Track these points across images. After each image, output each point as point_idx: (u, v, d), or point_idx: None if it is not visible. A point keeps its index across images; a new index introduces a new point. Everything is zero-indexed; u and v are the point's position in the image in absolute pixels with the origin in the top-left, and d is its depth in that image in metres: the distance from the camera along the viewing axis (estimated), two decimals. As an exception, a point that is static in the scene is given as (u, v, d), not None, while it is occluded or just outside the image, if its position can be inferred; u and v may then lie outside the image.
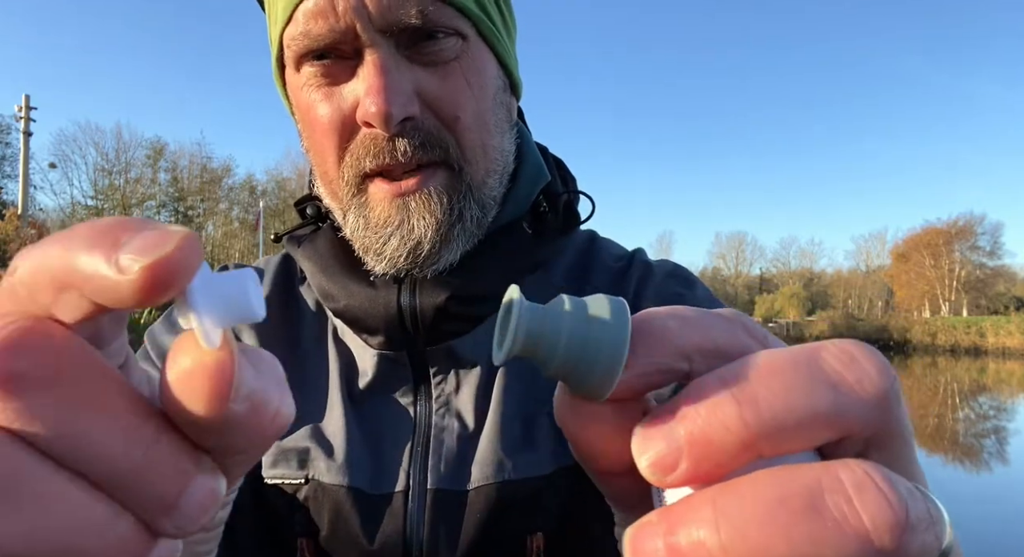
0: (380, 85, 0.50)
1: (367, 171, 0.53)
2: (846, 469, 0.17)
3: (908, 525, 0.16)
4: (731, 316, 0.21)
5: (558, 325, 0.20)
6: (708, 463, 0.18)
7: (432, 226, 0.53)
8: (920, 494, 0.18)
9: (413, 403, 0.58)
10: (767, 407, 0.18)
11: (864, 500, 0.16)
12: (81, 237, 0.17)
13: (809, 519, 0.16)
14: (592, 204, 0.67)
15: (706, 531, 0.16)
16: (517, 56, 0.63)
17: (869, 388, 0.18)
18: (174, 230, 0.17)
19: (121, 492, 0.18)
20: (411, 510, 0.54)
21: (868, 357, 0.19)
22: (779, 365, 0.18)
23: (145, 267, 0.16)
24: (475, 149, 0.55)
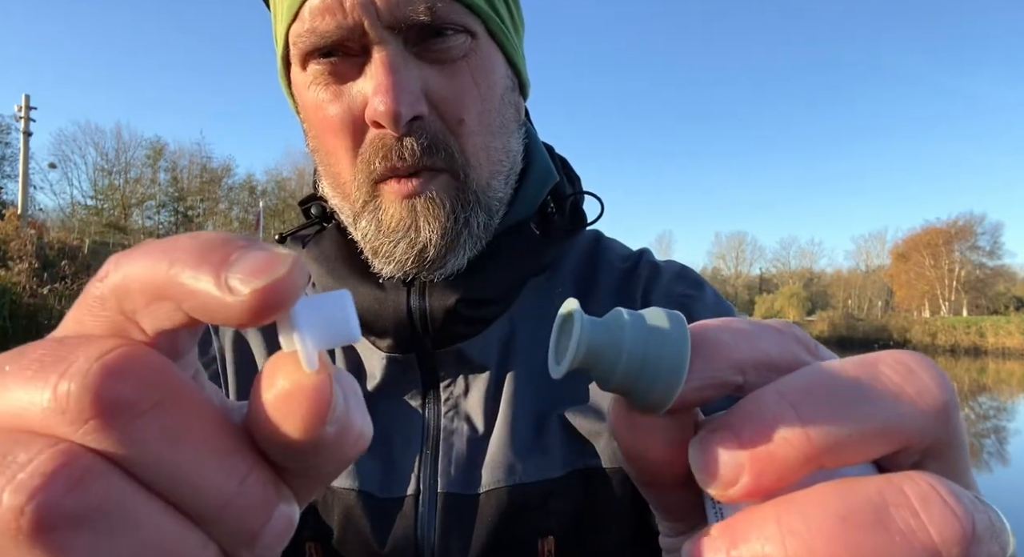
0: (389, 84, 0.49)
1: (378, 174, 0.53)
2: (910, 482, 0.17)
3: (975, 537, 0.16)
4: (782, 327, 0.21)
5: (619, 339, 0.20)
6: (770, 477, 0.18)
7: (437, 231, 0.52)
8: (982, 505, 0.17)
9: (422, 406, 0.58)
10: (829, 421, 0.17)
11: (931, 513, 0.16)
12: (187, 251, 0.17)
13: (876, 533, 0.16)
14: (601, 204, 0.66)
15: (772, 546, 0.16)
16: (525, 55, 0.62)
17: (929, 400, 0.18)
18: (283, 253, 0.17)
19: (210, 523, 0.17)
20: (421, 514, 0.54)
21: (926, 369, 0.19)
22: (838, 378, 0.18)
23: (256, 290, 0.16)
24: (478, 153, 0.54)
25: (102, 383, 0.16)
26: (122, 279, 0.17)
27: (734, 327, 0.21)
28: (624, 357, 0.20)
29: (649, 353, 0.20)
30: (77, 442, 0.16)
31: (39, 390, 0.16)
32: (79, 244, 22.79)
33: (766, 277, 67.04)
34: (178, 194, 43.74)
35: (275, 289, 0.16)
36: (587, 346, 0.20)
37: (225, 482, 0.17)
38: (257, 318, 0.16)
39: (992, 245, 52.78)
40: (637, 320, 0.21)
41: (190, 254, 0.17)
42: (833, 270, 66.63)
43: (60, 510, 0.15)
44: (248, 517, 0.18)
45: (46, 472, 0.15)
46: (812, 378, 0.18)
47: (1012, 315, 42.85)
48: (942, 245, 52.64)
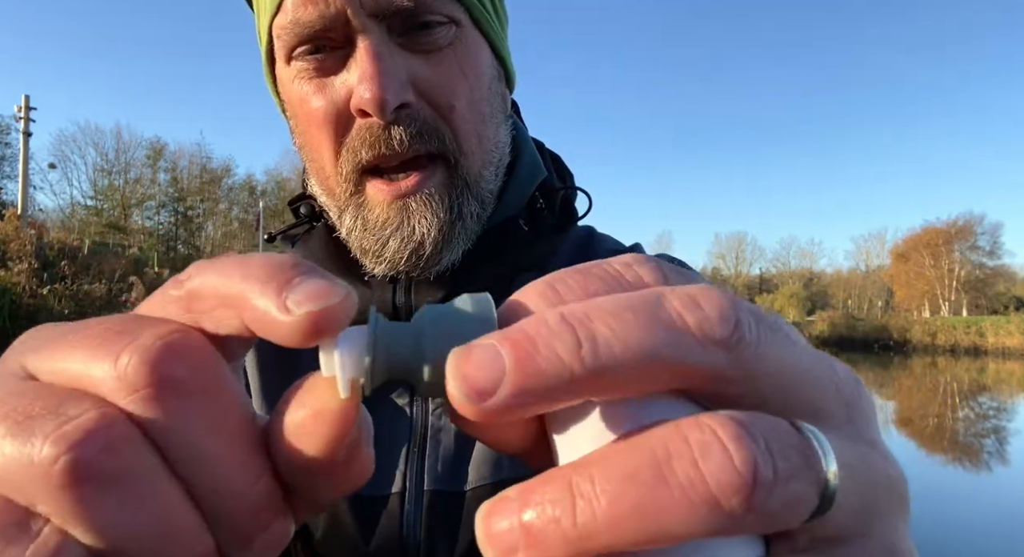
0: (373, 71, 0.48)
1: (364, 163, 0.52)
2: (695, 429, 0.16)
3: (757, 484, 0.15)
4: (617, 272, 0.20)
5: (418, 341, 0.19)
6: (534, 397, 0.16)
7: (435, 226, 0.52)
8: (789, 438, 0.16)
9: (409, 404, 0.57)
10: (604, 342, 0.16)
11: (709, 463, 0.15)
12: (259, 269, 0.18)
13: (658, 489, 0.15)
14: (589, 200, 0.66)
15: (561, 509, 0.16)
16: (510, 48, 0.62)
17: (710, 333, 0.17)
18: (339, 285, 0.18)
19: (215, 515, 0.18)
20: (408, 512, 0.53)
21: (711, 300, 0.17)
22: (621, 305, 0.17)
23: (309, 314, 0.17)
24: (471, 139, 0.54)
25: (160, 359, 0.18)
26: (199, 284, 0.19)
27: (550, 293, 0.19)
28: (429, 354, 0.19)
29: (454, 344, 0.18)
30: (122, 408, 0.17)
31: (103, 356, 0.18)
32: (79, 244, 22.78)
33: (766, 277, 67.03)
34: (178, 194, 43.74)
35: (325, 315, 0.17)
36: (386, 353, 0.19)
37: (241, 479, 0.18)
38: (305, 339, 0.18)
39: (992, 245, 52.81)
40: (438, 315, 0.19)
41: (261, 272, 0.18)
42: (833, 270, 66.68)
43: (90, 467, 0.16)
44: (250, 519, 0.19)
45: (88, 429, 0.17)
46: (596, 304, 0.17)
47: (1012, 315, 42.81)
48: (942, 245, 52.62)
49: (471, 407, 0.17)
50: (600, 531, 0.15)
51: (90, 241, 27.38)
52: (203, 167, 44.53)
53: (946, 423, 11.47)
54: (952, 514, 5.83)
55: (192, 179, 44.46)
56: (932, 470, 7.80)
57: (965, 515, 5.81)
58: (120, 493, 0.17)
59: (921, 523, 5.60)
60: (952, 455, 8.65)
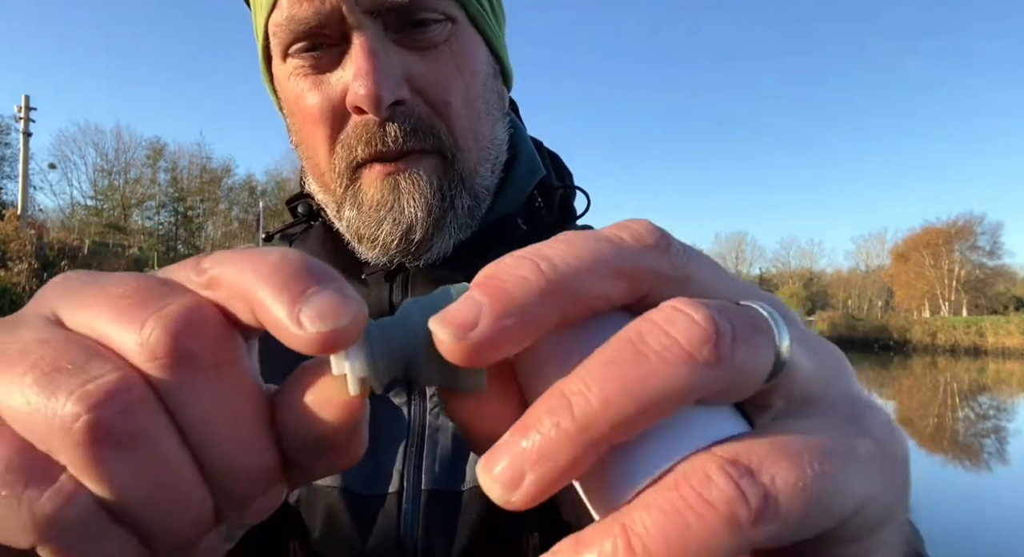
0: (368, 67, 0.49)
1: (359, 159, 0.52)
2: (657, 311, 0.18)
3: (720, 334, 0.17)
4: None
5: (412, 328, 0.20)
6: (513, 320, 0.18)
7: (423, 207, 0.52)
8: (739, 309, 0.19)
9: (407, 403, 0.57)
10: (558, 258, 0.19)
11: (676, 327, 0.18)
12: (273, 272, 0.19)
13: (639, 362, 0.17)
14: (587, 199, 0.65)
15: (560, 414, 0.17)
16: (507, 45, 0.62)
17: (640, 240, 0.20)
18: (352, 301, 0.19)
19: (218, 481, 0.20)
20: (405, 511, 0.53)
21: (636, 222, 0.21)
22: (564, 237, 0.20)
23: (320, 333, 0.18)
24: (466, 136, 0.54)
25: (180, 332, 0.19)
26: (219, 274, 0.20)
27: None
28: (423, 345, 0.19)
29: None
30: (142, 372, 0.19)
31: (128, 321, 0.19)
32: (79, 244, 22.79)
33: (766, 277, 67.00)
34: (178, 194, 43.75)
35: (336, 335, 0.18)
36: (387, 352, 0.20)
37: (246, 451, 0.20)
38: (317, 352, 0.18)
39: (992, 245, 52.80)
40: (424, 305, 0.20)
41: (275, 277, 0.19)
42: (833, 270, 66.72)
43: (108, 427, 0.18)
44: (250, 487, 0.20)
45: (109, 391, 0.18)
46: (551, 242, 0.20)
47: (1012, 315, 42.81)
48: (942, 245, 52.62)
49: (459, 345, 0.18)
50: (597, 416, 0.17)
51: (90, 241, 27.39)
52: (203, 167, 44.57)
53: (946, 423, 11.46)
54: (952, 514, 5.83)
55: (192, 179, 44.49)
56: (932, 470, 7.80)
57: (965, 515, 5.81)
58: (133, 453, 0.18)
59: (921, 523, 5.56)
60: (952, 455, 8.64)
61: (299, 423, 0.20)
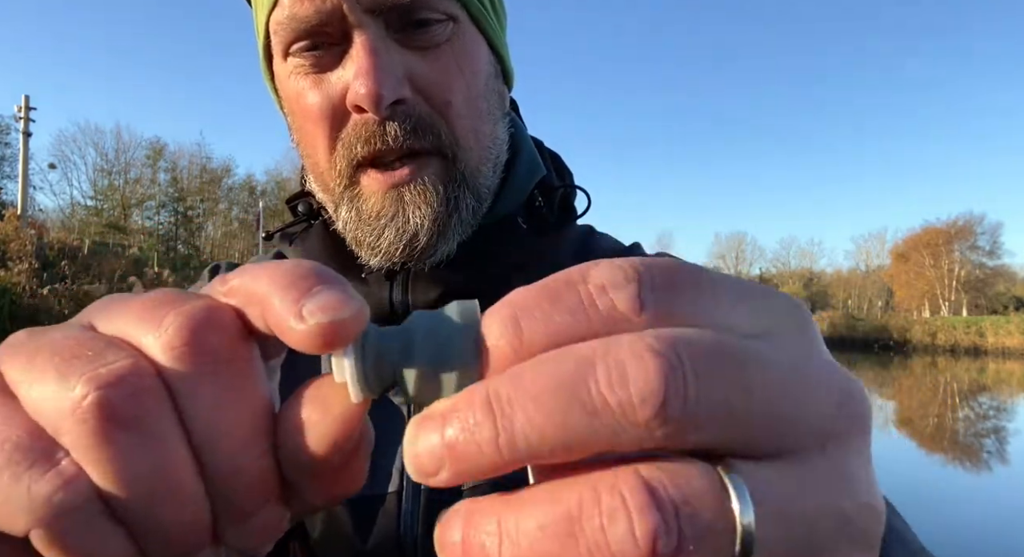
0: (369, 66, 0.48)
1: (359, 158, 0.52)
2: (607, 492, 0.16)
3: (656, 552, 0.15)
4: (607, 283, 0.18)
5: (408, 348, 0.19)
6: (469, 474, 0.18)
7: (429, 216, 0.51)
8: (701, 500, 0.16)
9: (406, 402, 0.52)
10: (521, 435, 0.17)
11: (614, 530, 0.16)
12: (283, 276, 0.20)
13: (567, 547, 0.16)
14: (588, 199, 0.65)
15: (491, 541, 0.17)
16: (508, 45, 0.62)
17: (630, 417, 0.16)
18: (354, 298, 0.19)
19: (215, 482, 0.20)
20: (405, 511, 0.53)
21: (642, 373, 0.16)
22: (545, 385, 0.17)
23: (320, 324, 0.19)
24: (467, 135, 0.54)
25: (197, 325, 0.20)
26: (237, 284, 0.21)
27: (511, 330, 0.18)
28: (416, 364, 0.19)
29: (441, 354, 0.19)
30: (155, 363, 0.20)
31: (150, 317, 0.20)
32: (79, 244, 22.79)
33: (766, 277, 66.90)
34: (178, 194, 43.75)
35: (336, 327, 0.19)
36: (378, 357, 0.19)
37: (245, 450, 0.20)
38: (316, 347, 0.19)
39: (992, 245, 52.83)
40: (428, 322, 0.20)
41: (284, 279, 0.20)
42: (833, 270, 66.65)
43: (112, 407, 0.18)
44: (246, 492, 0.20)
45: (119, 375, 0.19)
46: (519, 377, 0.17)
47: (1012, 315, 42.83)
48: (942, 245, 52.63)
49: (427, 480, 0.18)
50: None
51: (90, 241, 27.39)
52: (203, 167, 44.59)
53: (946, 423, 11.47)
54: (952, 514, 5.83)
55: (192, 179, 44.50)
56: (932, 470, 7.80)
57: (965, 515, 5.81)
58: (135, 437, 0.19)
59: (921, 523, 5.55)
60: (952, 455, 8.64)
61: (296, 435, 0.20)
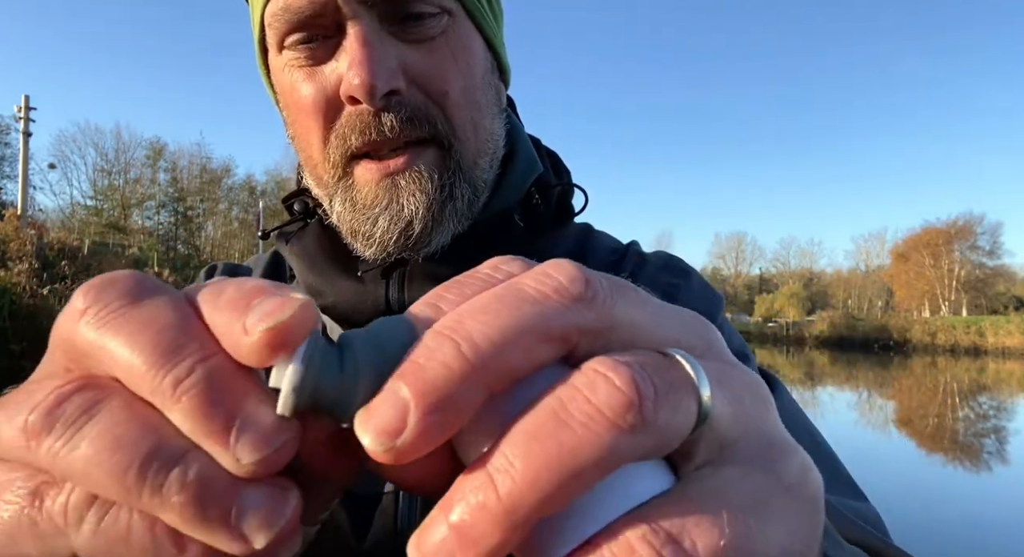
0: (363, 57, 0.48)
1: (353, 149, 0.51)
2: (579, 375, 0.18)
3: (644, 397, 0.17)
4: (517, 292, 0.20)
5: (351, 368, 0.19)
6: (442, 413, 0.18)
7: (423, 204, 0.51)
8: (661, 364, 0.19)
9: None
10: (480, 336, 0.18)
11: (598, 394, 0.17)
12: (228, 298, 0.20)
13: (562, 436, 0.17)
14: (585, 197, 0.65)
15: (485, 493, 0.17)
16: (505, 42, 0.62)
17: (565, 294, 0.19)
18: (292, 299, 0.19)
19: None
20: (401, 510, 0.53)
21: (560, 268, 0.20)
22: (487, 300, 0.19)
23: (263, 332, 0.18)
24: (465, 126, 0.53)
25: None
26: (205, 314, 0.21)
27: (431, 310, 0.20)
28: (358, 395, 0.19)
29: (376, 370, 0.19)
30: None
31: (158, 370, 0.19)
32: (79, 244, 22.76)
33: (766, 277, 67.00)
34: (178, 194, 43.73)
35: (278, 331, 0.18)
36: (317, 372, 0.19)
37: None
38: (264, 357, 0.19)
39: (992, 245, 52.83)
40: (362, 340, 0.20)
41: (228, 301, 0.20)
42: (833, 270, 66.75)
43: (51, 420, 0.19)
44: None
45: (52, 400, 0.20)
46: (465, 309, 0.19)
47: (1012, 315, 42.83)
48: (942, 245, 52.63)
49: (391, 451, 0.18)
50: (524, 495, 0.17)
51: (90, 241, 27.35)
52: (203, 167, 44.58)
53: (946, 423, 11.46)
54: (952, 514, 5.83)
55: (192, 179, 44.49)
56: (932, 470, 7.80)
57: (965, 515, 5.80)
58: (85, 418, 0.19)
59: (921, 523, 5.58)
60: (952, 455, 8.64)
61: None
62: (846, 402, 14.59)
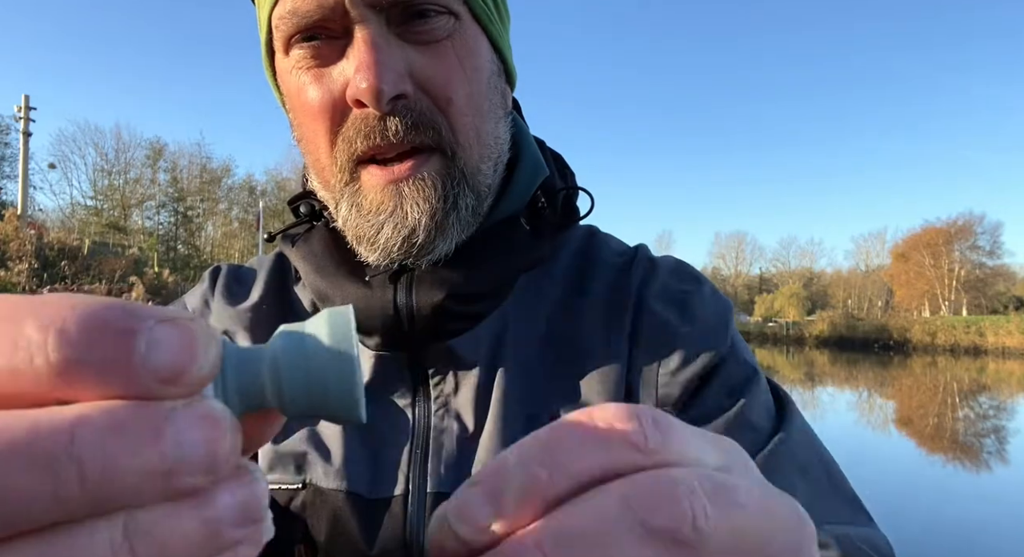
0: (370, 61, 0.48)
1: (359, 153, 0.51)
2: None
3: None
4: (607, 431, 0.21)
5: (276, 365, 0.19)
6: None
7: (427, 212, 0.51)
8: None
9: (411, 405, 0.57)
10: (564, 463, 0.20)
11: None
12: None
13: None
14: (591, 199, 0.65)
15: None
16: (511, 45, 0.61)
17: (620, 435, 0.21)
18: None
19: None
20: (411, 514, 0.53)
21: (613, 410, 0.21)
22: (551, 440, 0.21)
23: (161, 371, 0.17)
24: (468, 133, 0.53)
25: None
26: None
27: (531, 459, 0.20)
28: (288, 380, 0.19)
29: (311, 367, 0.19)
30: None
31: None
32: (79, 244, 22.78)
33: (766, 277, 67.03)
34: (178, 194, 43.74)
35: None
36: (237, 384, 0.19)
37: None
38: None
39: (992, 245, 52.87)
40: (289, 344, 0.19)
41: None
42: (833, 270, 66.79)
43: None
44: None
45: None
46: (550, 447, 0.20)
47: (1012, 315, 42.85)
48: (942, 245, 52.66)
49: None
50: None
51: (90, 241, 27.38)
52: (203, 167, 44.57)
53: (946, 423, 11.46)
54: (952, 514, 5.83)
55: (192, 179, 44.49)
56: (932, 470, 7.80)
57: (965, 515, 5.81)
58: None
59: (922, 523, 5.59)
60: (952, 455, 8.64)
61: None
62: (846, 402, 14.59)
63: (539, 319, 0.59)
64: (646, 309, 0.59)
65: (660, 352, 0.57)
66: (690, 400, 0.56)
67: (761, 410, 0.56)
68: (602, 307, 0.60)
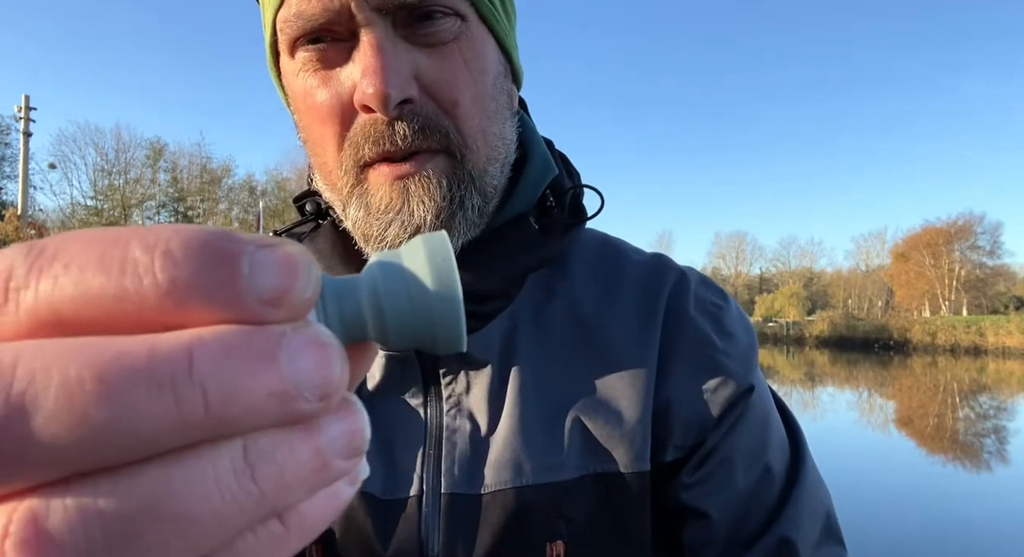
0: (377, 65, 0.48)
1: (367, 158, 0.51)
2: None
3: None
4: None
5: (373, 296, 0.18)
6: None
7: (432, 211, 0.51)
8: None
9: (423, 405, 0.57)
10: None
11: None
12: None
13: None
14: (601, 198, 0.65)
15: None
16: (518, 45, 0.61)
17: None
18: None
19: None
20: (425, 515, 0.53)
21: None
22: None
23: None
24: (475, 135, 0.53)
25: None
26: None
27: None
28: (391, 306, 0.18)
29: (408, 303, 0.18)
30: None
31: None
32: (79, 244, 22.66)
33: (766, 277, 67.03)
34: (178, 194, 43.72)
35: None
36: (339, 312, 0.18)
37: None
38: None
39: (992, 245, 52.86)
40: (389, 272, 0.19)
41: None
42: (833, 270, 66.76)
43: None
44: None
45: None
46: None
47: (1012, 314, 42.81)
48: (942, 245, 52.64)
49: None
50: None
51: (90, 241, 27.23)
52: (203, 167, 44.53)
53: (946, 423, 11.46)
54: (952, 514, 5.83)
55: (192, 179, 44.46)
56: (932, 470, 7.80)
57: (965, 515, 5.81)
58: None
59: (922, 523, 5.59)
60: (952, 455, 8.63)
61: None
62: (846, 402, 14.59)
63: (553, 318, 0.59)
64: (685, 317, 0.60)
65: (701, 366, 0.58)
66: (718, 424, 0.57)
67: (776, 452, 0.59)
68: (634, 306, 0.60)
